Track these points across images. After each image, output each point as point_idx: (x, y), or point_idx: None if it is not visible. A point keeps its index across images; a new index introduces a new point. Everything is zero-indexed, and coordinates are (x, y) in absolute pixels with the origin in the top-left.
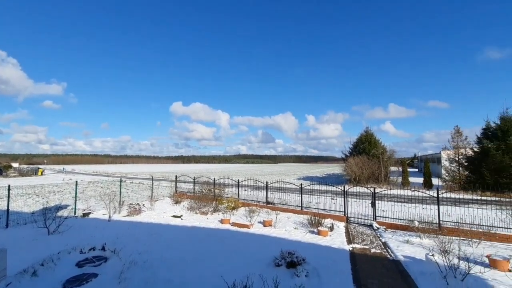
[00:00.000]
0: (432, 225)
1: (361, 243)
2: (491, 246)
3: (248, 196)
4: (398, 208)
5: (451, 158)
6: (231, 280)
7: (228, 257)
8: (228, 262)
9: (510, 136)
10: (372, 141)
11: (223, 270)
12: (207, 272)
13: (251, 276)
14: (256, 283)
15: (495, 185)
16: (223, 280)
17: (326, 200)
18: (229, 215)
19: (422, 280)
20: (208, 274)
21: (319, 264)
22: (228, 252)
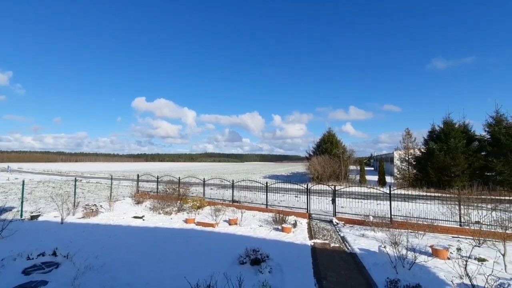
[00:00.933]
0: (384, 219)
1: (322, 238)
2: (434, 237)
3: (214, 195)
4: (356, 204)
5: (402, 157)
6: (195, 281)
7: (192, 257)
8: (192, 262)
9: (451, 139)
10: (334, 141)
11: (187, 271)
12: (170, 273)
13: (215, 275)
14: (220, 282)
15: (438, 182)
16: (186, 280)
17: (290, 198)
18: (194, 215)
19: (375, 270)
20: (171, 275)
21: (282, 260)
22: (192, 252)
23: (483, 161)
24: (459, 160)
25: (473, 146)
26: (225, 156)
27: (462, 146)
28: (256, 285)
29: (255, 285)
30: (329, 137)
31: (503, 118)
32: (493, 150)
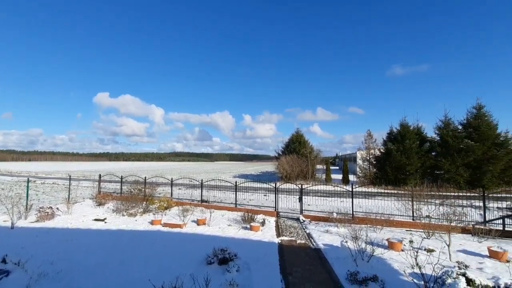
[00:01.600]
0: (347, 216)
1: (289, 235)
2: (390, 231)
3: (183, 195)
4: (322, 202)
5: (364, 157)
6: (160, 283)
7: (158, 260)
8: (158, 264)
9: (406, 140)
10: (302, 141)
11: (152, 274)
12: (133, 277)
13: (182, 277)
14: (186, 284)
15: (395, 180)
16: (151, 283)
17: (259, 196)
18: (161, 216)
19: (337, 264)
20: (135, 278)
21: (250, 258)
22: (158, 254)
23: (433, 160)
24: (413, 159)
25: (425, 147)
26: (194, 155)
27: (416, 147)
28: (224, 284)
29: (223, 284)
30: (298, 137)
31: (450, 122)
32: (442, 150)
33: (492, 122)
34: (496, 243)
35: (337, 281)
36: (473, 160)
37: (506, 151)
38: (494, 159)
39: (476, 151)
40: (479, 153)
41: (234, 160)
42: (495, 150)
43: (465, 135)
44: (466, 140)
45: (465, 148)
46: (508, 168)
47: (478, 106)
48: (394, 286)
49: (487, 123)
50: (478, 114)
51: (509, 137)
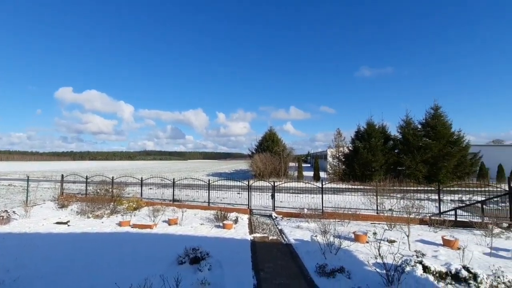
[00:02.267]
0: (317, 211)
1: (262, 232)
2: (356, 224)
3: (153, 195)
4: (293, 198)
5: (333, 155)
6: (127, 286)
7: (127, 262)
8: (126, 267)
9: (372, 138)
10: (275, 140)
11: (119, 277)
12: (99, 282)
13: (151, 278)
14: (156, 285)
15: (362, 176)
16: (118, 287)
17: (233, 194)
18: (129, 217)
19: (307, 258)
20: (100, 283)
21: (222, 256)
22: (126, 257)
23: (396, 157)
24: (378, 156)
25: (389, 145)
26: (167, 154)
27: (380, 145)
28: (195, 283)
29: (194, 283)
30: (271, 135)
31: (411, 121)
32: (404, 148)
33: (447, 122)
34: (449, 233)
35: (306, 274)
36: (431, 156)
37: (459, 148)
38: (448, 155)
39: (433, 149)
40: (436, 150)
41: (208, 159)
42: (449, 148)
43: (423, 133)
44: (424, 139)
45: (423, 146)
46: (461, 164)
47: (435, 107)
48: (359, 276)
49: (443, 123)
50: (435, 114)
51: (462, 136)
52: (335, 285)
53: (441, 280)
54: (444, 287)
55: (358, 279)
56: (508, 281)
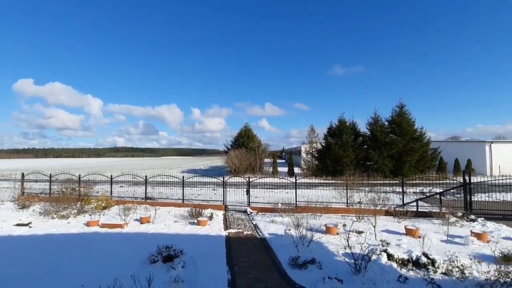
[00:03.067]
0: (291, 206)
1: (236, 228)
2: (328, 217)
3: (125, 193)
4: (268, 194)
5: (307, 151)
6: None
7: (95, 263)
8: (95, 268)
9: (343, 135)
10: (250, 136)
11: (88, 279)
12: (65, 285)
13: (121, 278)
14: (126, 285)
15: (334, 171)
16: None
17: (208, 191)
18: (98, 216)
19: (280, 251)
20: (67, 286)
21: (196, 253)
22: (95, 258)
23: (365, 153)
24: (349, 152)
25: (359, 141)
26: (139, 150)
27: (351, 141)
28: (168, 281)
29: (167, 282)
30: (246, 131)
31: (379, 119)
32: (372, 144)
33: (411, 119)
34: (411, 222)
35: (280, 267)
36: (396, 152)
37: (421, 144)
38: (411, 151)
39: (398, 144)
40: (401, 146)
41: (182, 155)
42: (412, 144)
43: (390, 130)
44: (391, 135)
45: (390, 142)
46: (422, 159)
47: (400, 105)
48: (329, 266)
49: (407, 120)
50: (401, 112)
51: (423, 132)
52: (307, 276)
53: (404, 267)
54: (406, 273)
55: (329, 269)
56: (461, 265)
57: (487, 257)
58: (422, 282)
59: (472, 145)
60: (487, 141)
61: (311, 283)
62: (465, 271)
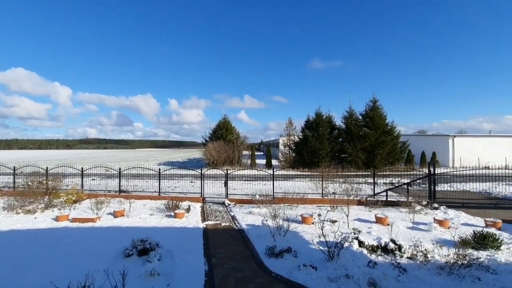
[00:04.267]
0: (268, 197)
1: (214, 220)
2: (304, 208)
3: (97, 186)
4: (246, 185)
5: (285, 143)
6: (65, 285)
7: (65, 259)
8: (65, 264)
9: (320, 128)
10: (229, 128)
11: (57, 276)
12: (32, 283)
13: (94, 274)
14: (99, 280)
15: (311, 163)
16: (54, 286)
17: (185, 183)
18: (68, 211)
19: (258, 241)
20: (35, 284)
21: (173, 246)
22: (65, 253)
23: (340, 145)
24: (325, 145)
25: (334, 134)
26: (112, 142)
27: (327, 134)
28: (143, 275)
29: (142, 275)
30: (225, 123)
31: (354, 112)
32: (347, 137)
33: (383, 114)
34: (381, 211)
35: (256, 257)
36: (369, 145)
37: (392, 137)
38: (383, 144)
39: (371, 138)
40: (373, 139)
41: (159, 147)
42: (384, 137)
43: (363, 124)
44: (364, 128)
45: (363, 135)
46: (392, 151)
47: (373, 100)
48: (304, 254)
49: (380, 114)
50: (374, 106)
51: (394, 126)
52: (283, 264)
53: (373, 253)
54: (375, 258)
55: (304, 257)
56: (425, 250)
57: (448, 241)
58: (389, 266)
59: (437, 139)
60: (451, 135)
61: (286, 271)
62: (428, 255)
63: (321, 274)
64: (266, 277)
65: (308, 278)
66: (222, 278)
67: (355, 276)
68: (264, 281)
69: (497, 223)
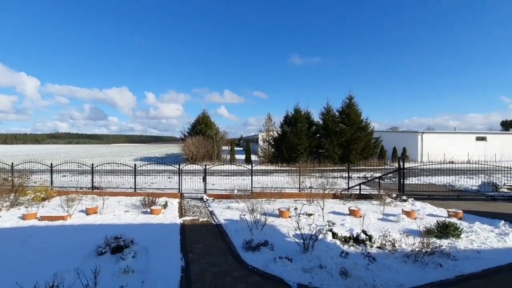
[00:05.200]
0: (247, 192)
1: (192, 215)
2: (281, 202)
3: (68, 183)
4: (225, 180)
5: (264, 138)
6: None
7: (33, 259)
8: (32, 264)
9: (298, 123)
10: (208, 123)
11: (23, 276)
12: None
13: (63, 273)
14: (70, 279)
15: (289, 158)
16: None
17: (163, 179)
18: (36, 208)
19: (235, 236)
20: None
21: (149, 243)
22: (32, 253)
23: (318, 141)
24: (303, 140)
25: (312, 130)
26: (85, 137)
27: (305, 129)
28: (117, 273)
29: (116, 273)
30: (204, 118)
31: (331, 109)
32: (324, 133)
33: (358, 111)
34: (354, 204)
35: (234, 251)
36: (345, 140)
37: (366, 133)
38: (358, 139)
39: (347, 133)
40: (349, 135)
41: (135, 142)
42: (359, 133)
43: (340, 120)
44: (340, 125)
45: (339, 131)
46: (366, 147)
47: (350, 97)
48: (281, 247)
49: (355, 111)
50: (350, 103)
51: (368, 123)
52: (260, 257)
53: (346, 244)
54: (347, 248)
55: (280, 249)
56: (393, 239)
57: (414, 231)
58: (360, 256)
59: (407, 135)
60: (419, 131)
61: (263, 264)
62: (396, 244)
63: (296, 265)
64: (243, 270)
65: (284, 270)
66: (199, 273)
67: (328, 266)
68: (240, 274)
69: (458, 214)
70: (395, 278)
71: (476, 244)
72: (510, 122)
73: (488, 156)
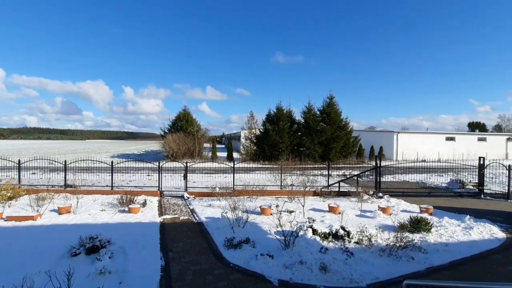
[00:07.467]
0: (228, 189)
1: (172, 213)
2: (263, 199)
3: (38, 180)
4: (207, 178)
5: (246, 136)
6: None
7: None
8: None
9: (280, 122)
10: (190, 120)
11: None
12: None
13: (33, 276)
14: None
15: (271, 156)
16: None
17: (142, 177)
18: (2, 208)
19: (217, 233)
20: None
21: (127, 242)
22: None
23: (299, 139)
24: (285, 138)
25: (294, 128)
26: (57, 132)
27: (287, 128)
28: (93, 274)
29: (91, 274)
30: (185, 115)
31: (312, 108)
32: (305, 131)
33: (339, 110)
34: (334, 201)
35: (215, 249)
36: (325, 139)
37: (345, 132)
38: (337, 138)
39: (327, 132)
40: (329, 133)
41: (112, 139)
42: (339, 132)
43: (321, 119)
44: (321, 123)
45: (320, 130)
46: (346, 145)
47: (330, 97)
48: (262, 244)
49: (335, 111)
50: (330, 103)
51: (348, 122)
52: (241, 254)
53: (325, 239)
54: (327, 244)
55: (262, 246)
56: (369, 234)
57: (389, 226)
58: (339, 251)
59: (384, 135)
60: (395, 131)
61: (244, 261)
62: (372, 239)
63: (277, 262)
64: (224, 268)
65: (265, 267)
66: (179, 272)
67: (308, 261)
68: (222, 272)
69: (429, 209)
70: (371, 271)
71: (444, 238)
72: (476, 123)
73: (456, 155)
